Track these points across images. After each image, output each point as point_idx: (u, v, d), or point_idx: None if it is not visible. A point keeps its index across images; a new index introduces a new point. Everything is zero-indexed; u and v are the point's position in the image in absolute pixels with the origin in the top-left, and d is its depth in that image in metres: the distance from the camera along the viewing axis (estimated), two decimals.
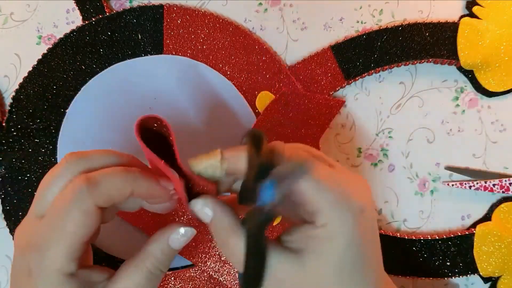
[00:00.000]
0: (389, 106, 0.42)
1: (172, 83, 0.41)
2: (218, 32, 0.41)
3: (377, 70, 0.41)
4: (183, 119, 0.41)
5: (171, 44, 0.41)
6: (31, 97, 0.41)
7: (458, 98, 0.42)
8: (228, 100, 0.41)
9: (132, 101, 0.41)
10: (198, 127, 0.41)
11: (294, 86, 0.41)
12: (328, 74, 0.41)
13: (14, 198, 0.40)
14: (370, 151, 0.42)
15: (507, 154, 0.41)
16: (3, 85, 0.42)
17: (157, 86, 0.41)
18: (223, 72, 0.41)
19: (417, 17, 0.42)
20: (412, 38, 0.40)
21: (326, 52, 0.41)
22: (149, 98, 0.41)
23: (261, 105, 0.41)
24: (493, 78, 0.40)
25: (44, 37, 0.42)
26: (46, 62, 0.41)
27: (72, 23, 0.42)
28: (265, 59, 0.41)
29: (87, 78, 0.41)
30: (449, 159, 0.41)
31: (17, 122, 0.41)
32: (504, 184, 0.40)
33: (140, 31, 0.41)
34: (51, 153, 0.41)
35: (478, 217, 0.41)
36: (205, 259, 0.40)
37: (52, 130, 0.41)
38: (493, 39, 0.39)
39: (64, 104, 0.41)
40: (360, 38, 0.41)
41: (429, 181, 0.41)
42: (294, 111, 0.41)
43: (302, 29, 0.42)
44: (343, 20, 0.42)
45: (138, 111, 0.41)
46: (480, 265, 0.39)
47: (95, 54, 0.41)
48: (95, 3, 0.41)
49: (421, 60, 0.40)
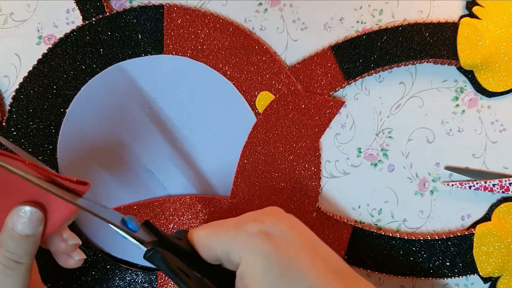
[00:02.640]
0: (389, 106, 0.42)
1: (172, 83, 0.41)
2: (218, 32, 0.41)
3: (377, 70, 0.41)
4: (183, 119, 0.41)
5: (171, 44, 0.41)
6: (31, 97, 0.41)
7: (458, 98, 0.42)
8: (228, 100, 0.41)
9: (132, 101, 0.41)
10: (198, 127, 0.42)
11: (294, 86, 0.41)
12: (328, 74, 0.41)
13: None
14: (370, 151, 0.42)
15: (507, 154, 0.41)
16: (3, 85, 0.42)
17: (157, 86, 0.41)
18: (223, 72, 0.41)
19: (417, 17, 0.42)
20: (412, 38, 0.40)
21: (326, 52, 0.41)
22: (149, 98, 0.41)
23: (261, 105, 0.41)
24: (493, 78, 0.40)
25: (44, 37, 0.42)
26: (46, 62, 0.41)
27: (72, 23, 0.42)
28: (265, 59, 0.41)
29: (87, 78, 0.41)
30: (449, 159, 0.41)
31: (17, 122, 0.41)
32: (504, 184, 0.40)
33: (140, 31, 0.41)
34: (51, 153, 0.41)
35: (478, 217, 0.41)
36: None
37: (52, 130, 0.41)
38: (493, 39, 0.39)
39: (64, 104, 0.41)
40: (360, 38, 0.41)
41: (429, 181, 0.41)
42: (294, 111, 0.41)
43: (302, 29, 0.42)
44: (343, 20, 0.42)
45: (138, 111, 0.41)
46: (479, 265, 0.39)
47: (95, 54, 0.41)
48: (95, 3, 0.41)
49: (421, 60, 0.40)
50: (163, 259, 0.25)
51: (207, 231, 0.27)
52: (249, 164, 0.41)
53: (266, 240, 0.25)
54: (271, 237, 0.25)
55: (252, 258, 0.25)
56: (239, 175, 0.41)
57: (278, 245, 0.25)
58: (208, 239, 0.27)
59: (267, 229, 0.26)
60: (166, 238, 0.27)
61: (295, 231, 0.26)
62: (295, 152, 0.41)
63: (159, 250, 0.25)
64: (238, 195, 0.41)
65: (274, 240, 0.25)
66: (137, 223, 0.26)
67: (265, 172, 0.41)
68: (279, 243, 0.25)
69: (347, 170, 0.42)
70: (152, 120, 0.41)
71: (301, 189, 0.41)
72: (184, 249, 0.27)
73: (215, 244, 0.26)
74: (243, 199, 0.41)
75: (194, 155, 0.42)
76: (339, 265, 0.27)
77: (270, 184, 0.41)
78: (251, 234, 0.25)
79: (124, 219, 0.26)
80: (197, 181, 0.42)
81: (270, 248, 0.25)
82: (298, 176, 0.41)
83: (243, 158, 0.41)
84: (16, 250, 0.24)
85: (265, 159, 0.41)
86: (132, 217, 0.26)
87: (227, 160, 0.41)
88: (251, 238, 0.25)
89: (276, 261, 0.24)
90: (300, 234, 0.27)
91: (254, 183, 0.41)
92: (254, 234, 0.25)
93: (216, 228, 0.27)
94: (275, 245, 0.25)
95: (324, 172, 0.42)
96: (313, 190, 0.41)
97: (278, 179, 0.41)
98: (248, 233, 0.26)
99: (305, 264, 0.25)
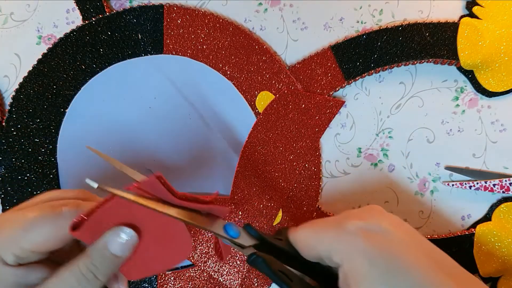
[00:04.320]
0: (389, 106, 0.42)
1: (172, 83, 0.41)
2: (218, 32, 0.41)
3: (377, 70, 0.41)
4: (183, 119, 0.41)
5: (171, 44, 0.41)
6: (31, 97, 0.41)
7: (458, 98, 0.42)
8: (228, 100, 0.41)
9: (132, 101, 0.41)
10: (198, 127, 0.42)
11: (294, 86, 0.41)
12: (328, 74, 0.41)
13: (14, 198, 0.40)
14: (370, 151, 0.42)
15: (507, 154, 0.41)
16: (3, 85, 0.42)
17: (157, 86, 0.41)
18: (223, 72, 0.41)
19: (417, 17, 0.42)
20: (412, 38, 0.40)
21: (326, 52, 0.41)
22: (149, 98, 0.41)
23: (261, 105, 0.41)
24: (493, 78, 0.40)
25: (44, 37, 0.42)
26: (46, 62, 0.41)
27: (72, 23, 0.42)
28: (265, 59, 0.41)
29: (87, 78, 0.41)
30: (449, 159, 0.41)
31: (17, 122, 0.41)
32: (504, 184, 0.40)
33: (140, 31, 0.41)
34: (50, 153, 0.41)
35: (478, 217, 0.41)
36: (205, 259, 0.40)
37: (52, 130, 0.41)
38: (493, 39, 0.39)
39: (64, 104, 0.41)
40: (360, 38, 0.41)
41: (429, 181, 0.41)
42: (294, 111, 0.41)
43: (302, 29, 0.42)
44: (343, 20, 0.42)
45: (138, 111, 0.41)
46: (480, 266, 0.39)
47: (95, 54, 0.41)
48: (95, 3, 0.41)
49: (421, 60, 0.40)
50: (265, 263, 0.25)
51: (307, 231, 0.26)
52: (249, 164, 0.41)
53: (368, 240, 0.24)
54: (373, 236, 0.24)
55: (355, 258, 0.24)
56: (239, 175, 0.41)
57: (381, 244, 0.24)
58: (309, 239, 0.26)
59: (369, 227, 0.25)
60: (267, 240, 0.27)
61: (398, 229, 0.25)
62: (295, 152, 0.41)
63: (261, 255, 0.26)
64: (238, 195, 0.41)
65: (376, 239, 0.24)
66: (238, 228, 0.27)
67: (265, 172, 0.41)
68: (381, 242, 0.24)
69: (347, 170, 0.42)
70: (152, 120, 0.41)
71: (301, 189, 0.41)
72: (284, 250, 0.27)
73: (317, 244, 0.26)
74: (243, 199, 0.41)
75: (194, 155, 0.42)
76: (450, 263, 0.25)
77: (270, 184, 0.41)
78: (352, 234, 0.25)
79: (225, 226, 0.26)
80: (197, 181, 0.41)
81: (373, 248, 0.24)
82: (298, 176, 0.41)
83: (243, 158, 0.41)
84: (100, 266, 0.25)
85: (265, 159, 0.41)
86: (232, 223, 0.27)
87: (227, 160, 0.41)
88: (353, 237, 0.24)
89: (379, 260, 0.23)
90: (403, 232, 0.25)
91: (254, 183, 0.41)
92: (356, 233, 0.25)
93: (316, 227, 0.26)
94: (377, 244, 0.24)
95: (324, 172, 0.42)
96: (313, 190, 0.41)
97: (278, 179, 0.41)
98: (349, 232, 0.25)
99: (410, 262, 0.23)
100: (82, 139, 0.41)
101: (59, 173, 0.41)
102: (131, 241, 0.25)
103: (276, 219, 0.41)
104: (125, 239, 0.25)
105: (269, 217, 0.41)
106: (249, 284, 0.41)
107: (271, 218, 0.41)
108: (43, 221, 0.24)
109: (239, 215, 0.41)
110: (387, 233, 0.25)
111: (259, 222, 0.41)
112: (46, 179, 0.41)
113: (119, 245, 0.25)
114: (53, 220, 0.24)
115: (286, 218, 0.41)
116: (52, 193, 0.28)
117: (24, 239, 0.24)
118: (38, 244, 0.24)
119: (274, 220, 0.41)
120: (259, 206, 0.41)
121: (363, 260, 0.23)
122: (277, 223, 0.41)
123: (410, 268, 0.23)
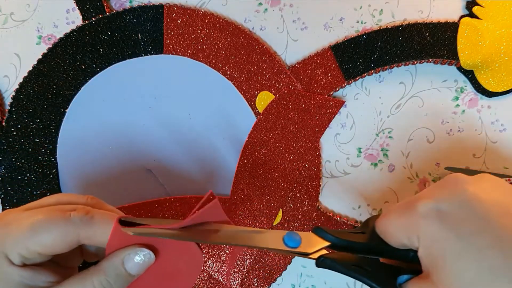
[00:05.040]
0: (389, 106, 0.42)
1: (172, 83, 0.41)
2: (218, 32, 0.41)
3: (377, 70, 0.41)
4: (183, 119, 0.41)
5: (171, 44, 0.41)
6: (31, 97, 0.41)
7: (458, 98, 0.42)
8: (228, 100, 0.41)
9: (132, 101, 0.41)
10: (198, 127, 0.42)
11: (294, 86, 0.41)
12: (328, 74, 0.41)
13: (14, 198, 0.40)
14: (370, 151, 0.42)
15: (507, 154, 0.41)
16: (3, 85, 0.42)
17: (157, 86, 0.41)
18: (223, 72, 0.41)
19: (417, 17, 0.42)
20: (412, 38, 0.40)
21: (326, 52, 0.41)
22: (149, 98, 0.41)
23: (261, 105, 0.41)
24: (493, 78, 0.40)
25: (44, 37, 0.42)
26: (46, 62, 0.41)
27: (72, 23, 0.42)
28: (265, 59, 0.41)
29: (87, 78, 0.41)
30: (449, 159, 0.41)
31: (17, 122, 0.41)
32: None
33: (140, 31, 0.41)
34: (50, 153, 0.41)
35: None
36: (205, 259, 0.40)
37: (52, 130, 0.41)
38: (493, 39, 0.39)
39: (64, 104, 0.41)
40: (360, 38, 0.41)
41: (429, 181, 0.41)
42: (294, 111, 0.41)
43: (302, 29, 0.42)
44: (343, 20, 0.42)
45: (138, 111, 0.41)
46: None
47: (95, 54, 0.41)
48: (95, 3, 0.41)
49: (421, 60, 0.40)
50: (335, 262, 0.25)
51: (385, 218, 0.26)
52: (249, 164, 0.41)
53: (438, 222, 0.23)
54: (444, 216, 0.23)
55: (428, 243, 0.23)
56: (239, 175, 0.41)
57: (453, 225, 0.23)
58: (389, 228, 0.25)
59: (440, 206, 0.24)
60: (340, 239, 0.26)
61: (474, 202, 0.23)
62: (295, 152, 0.41)
63: (328, 256, 0.26)
64: (238, 194, 0.41)
65: (448, 219, 0.23)
66: (298, 236, 0.26)
67: (265, 172, 0.41)
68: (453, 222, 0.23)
69: (347, 170, 0.42)
70: (152, 120, 0.41)
71: (301, 189, 0.41)
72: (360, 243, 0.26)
73: (395, 231, 0.25)
74: (243, 199, 0.41)
75: (194, 155, 0.42)
76: None
77: (270, 184, 0.41)
78: (423, 216, 0.24)
79: (284, 238, 0.26)
80: (197, 181, 0.41)
81: (444, 230, 0.23)
82: (298, 176, 0.41)
83: (243, 158, 0.41)
84: (114, 282, 0.25)
85: (265, 159, 0.41)
86: (293, 232, 0.26)
87: (227, 160, 0.41)
88: (423, 221, 0.24)
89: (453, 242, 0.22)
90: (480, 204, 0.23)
91: (254, 183, 0.41)
92: (426, 215, 0.24)
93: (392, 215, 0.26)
94: (449, 225, 0.23)
95: (324, 172, 0.42)
96: (313, 190, 0.41)
97: (278, 179, 0.41)
98: (420, 214, 0.24)
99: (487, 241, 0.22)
100: (82, 139, 0.41)
101: (59, 173, 0.41)
102: (148, 262, 0.25)
103: (276, 219, 0.41)
104: (144, 260, 0.25)
105: (269, 217, 0.41)
106: (249, 284, 0.41)
107: (271, 218, 0.41)
108: (52, 225, 0.24)
109: (239, 215, 0.41)
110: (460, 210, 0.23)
111: (259, 222, 0.41)
112: (46, 179, 0.41)
113: (136, 265, 0.25)
114: (62, 225, 0.24)
115: (286, 218, 0.41)
116: (60, 196, 0.28)
117: (31, 241, 0.24)
118: (45, 247, 0.24)
119: (274, 220, 0.41)
120: (259, 206, 0.41)
121: (436, 244, 0.23)
122: (277, 223, 0.41)
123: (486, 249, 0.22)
